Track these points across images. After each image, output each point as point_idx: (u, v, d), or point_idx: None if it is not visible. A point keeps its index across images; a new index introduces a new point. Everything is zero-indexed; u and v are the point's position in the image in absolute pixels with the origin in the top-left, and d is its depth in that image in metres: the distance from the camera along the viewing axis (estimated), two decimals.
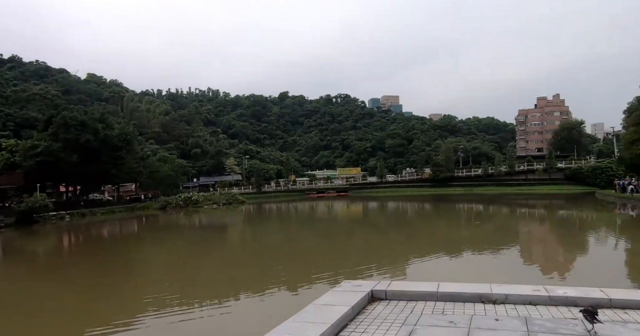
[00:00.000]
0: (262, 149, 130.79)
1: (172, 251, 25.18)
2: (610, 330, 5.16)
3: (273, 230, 35.42)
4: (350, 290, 6.94)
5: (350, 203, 69.60)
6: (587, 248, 21.15)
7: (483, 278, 13.49)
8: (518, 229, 30.86)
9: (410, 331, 5.32)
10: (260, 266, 18.36)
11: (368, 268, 16.38)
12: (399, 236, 28.24)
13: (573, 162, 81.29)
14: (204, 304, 12.47)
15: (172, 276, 17.23)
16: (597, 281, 12.56)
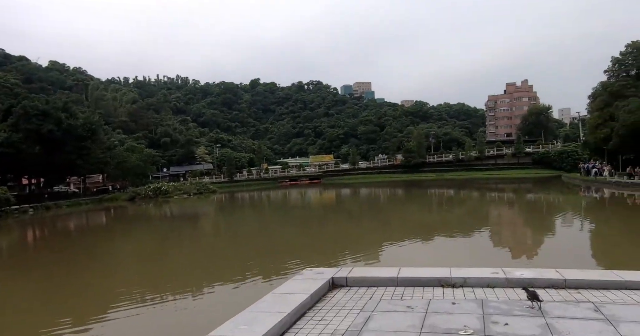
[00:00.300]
0: (234, 138, 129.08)
1: (142, 242, 24.64)
2: (563, 310, 5.24)
3: (245, 219, 35.13)
4: (311, 277, 6.86)
5: (323, 190, 69.73)
6: (553, 230, 21.78)
7: (452, 262, 13.69)
8: (488, 213, 31.53)
9: (368, 318, 5.27)
10: (231, 255, 18.15)
11: (342, 254, 16.40)
12: (372, 223, 28.45)
13: (540, 146, 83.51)
14: (174, 296, 12.20)
15: (143, 268, 16.83)
16: (560, 262, 12.97)
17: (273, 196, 64.27)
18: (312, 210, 41.02)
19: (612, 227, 21.93)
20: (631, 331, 4.53)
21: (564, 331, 4.58)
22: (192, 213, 43.28)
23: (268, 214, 38.53)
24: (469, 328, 4.75)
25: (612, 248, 16.35)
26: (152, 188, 60.97)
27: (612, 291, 6.04)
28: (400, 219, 29.36)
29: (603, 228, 21.76)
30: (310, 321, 5.37)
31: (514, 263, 13.61)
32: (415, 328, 4.85)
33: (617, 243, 17.28)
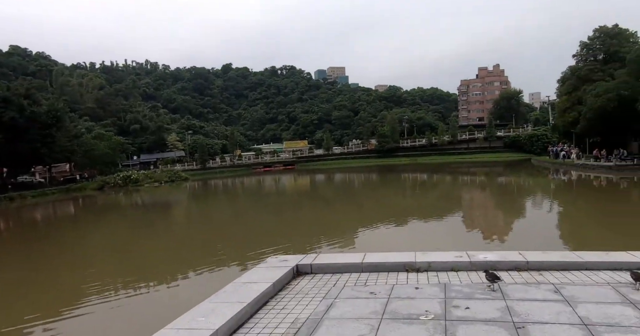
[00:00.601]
0: (206, 124, 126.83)
1: (112, 233, 23.97)
2: (524, 292, 5.26)
3: (218, 207, 34.71)
4: (275, 265, 6.73)
5: (297, 176, 69.53)
6: (522, 213, 22.13)
7: (423, 245, 13.78)
8: (460, 197, 31.92)
9: (330, 305, 5.19)
10: (202, 244, 17.79)
11: (317, 240, 16.33)
12: (347, 208, 28.49)
13: (511, 130, 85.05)
14: (139, 288, 11.89)
15: (112, 259, 16.35)
16: (528, 244, 13.16)
17: (247, 183, 63.71)
18: (287, 196, 40.86)
19: (578, 209, 22.53)
20: (588, 311, 4.57)
21: (523, 313, 4.59)
22: (164, 202, 42.52)
23: (242, 202, 38.15)
24: (430, 313, 4.71)
25: (578, 228, 16.78)
26: (121, 177, 59.52)
27: (573, 272, 6.12)
28: (374, 204, 29.50)
29: (570, 209, 22.30)
30: (272, 310, 5.26)
31: (482, 245, 13.79)
32: (377, 314, 4.78)
33: (583, 224, 17.76)
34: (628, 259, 6.29)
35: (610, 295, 5.07)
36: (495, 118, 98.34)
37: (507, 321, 4.39)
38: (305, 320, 4.80)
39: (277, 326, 4.76)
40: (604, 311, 4.54)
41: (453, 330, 4.24)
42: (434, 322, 4.46)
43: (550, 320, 4.39)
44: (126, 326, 8.94)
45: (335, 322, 4.65)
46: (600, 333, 4.06)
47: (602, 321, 4.32)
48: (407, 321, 4.53)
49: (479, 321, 4.42)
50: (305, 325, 4.66)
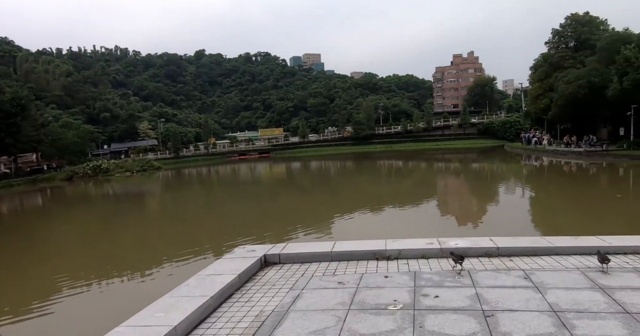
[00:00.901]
0: (179, 112, 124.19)
1: (80, 224, 23.18)
2: (494, 279, 5.18)
3: (192, 196, 34.06)
4: (242, 256, 6.49)
5: (273, 164, 69.00)
6: (494, 198, 22.29)
7: (396, 232, 13.81)
8: (435, 183, 32.13)
9: (297, 296, 5.00)
10: (175, 235, 17.19)
11: (293, 228, 16.11)
12: (323, 196, 28.35)
13: (485, 117, 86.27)
14: (110, 280, 11.45)
15: (81, 252, 15.76)
16: (500, 229, 13.24)
17: (222, 172, 62.90)
18: (262, 185, 40.45)
19: (549, 194, 22.89)
20: (557, 297, 4.50)
21: (492, 301, 4.49)
22: (135, 192, 41.55)
23: (216, 191, 37.59)
24: (399, 302, 4.57)
25: (549, 213, 16.99)
26: (91, 166, 57.79)
27: (543, 257, 6.09)
28: (350, 192, 29.45)
29: (541, 194, 22.64)
30: (237, 303, 5.04)
31: (456, 231, 13.85)
32: (344, 305, 4.62)
33: (554, 209, 18.03)
34: (597, 243, 6.29)
35: (580, 280, 5.04)
36: (469, 105, 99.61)
37: (477, 310, 4.29)
38: (270, 313, 4.61)
39: (240, 319, 4.55)
40: (573, 297, 4.49)
41: (421, 320, 4.11)
42: (402, 312, 4.32)
43: (519, 307, 4.31)
44: (83, 323, 8.55)
45: (301, 314, 4.47)
46: (569, 319, 3.99)
47: (571, 307, 4.26)
48: (374, 312, 4.38)
49: (448, 310, 4.30)
50: (270, 318, 4.46)
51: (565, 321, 3.96)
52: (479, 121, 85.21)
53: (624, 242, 6.31)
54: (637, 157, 32.04)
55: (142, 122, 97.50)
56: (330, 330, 4.05)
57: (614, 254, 6.08)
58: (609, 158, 35.01)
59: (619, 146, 37.36)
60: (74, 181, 54.76)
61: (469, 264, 5.86)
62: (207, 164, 75.23)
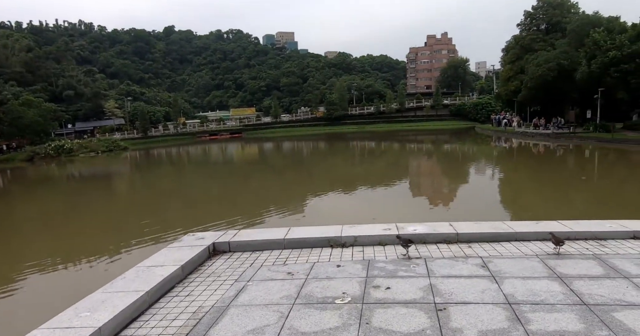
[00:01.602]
0: (148, 90, 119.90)
1: (46, 207, 22.03)
2: (450, 268, 4.93)
3: (158, 178, 33.05)
4: (189, 244, 6.07)
5: (244, 145, 67.97)
6: (463, 181, 22.26)
7: (363, 213, 13.60)
8: (405, 165, 32.05)
9: (241, 289, 4.64)
10: (132, 221, 16.20)
11: (267, 211, 15.69)
12: (294, 177, 27.93)
13: (457, 99, 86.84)
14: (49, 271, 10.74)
15: (29, 238, 14.96)
16: (465, 212, 13.19)
17: (192, 152, 61.56)
18: (233, 166, 39.68)
19: (516, 177, 22.88)
20: (514, 288, 4.28)
21: (446, 292, 4.23)
22: (97, 174, 40.08)
23: (184, 172, 36.59)
24: (347, 295, 4.27)
25: (514, 196, 16.92)
26: (53, 147, 55.45)
27: (503, 243, 5.89)
28: (321, 173, 29.11)
29: (508, 177, 22.62)
30: (176, 297, 4.64)
31: (420, 214, 13.67)
32: (289, 298, 4.29)
33: (519, 192, 18.07)
34: (558, 228, 6.13)
35: (538, 268, 4.84)
36: (442, 86, 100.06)
37: (429, 302, 4.02)
38: (209, 309, 4.24)
39: (176, 317, 4.16)
40: (530, 288, 4.27)
41: (368, 315, 3.81)
42: (350, 306, 4.01)
43: (474, 299, 4.06)
44: (6, 320, 7.96)
45: (242, 310, 4.12)
46: (524, 312, 3.76)
47: (527, 298, 4.04)
48: (320, 306, 4.06)
49: (399, 304, 4.02)
50: (208, 315, 4.09)
51: (520, 314, 3.73)
52: (451, 103, 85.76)
53: (585, 227, 6.17)
54: (603, 139, 32.74)
55: (108, 100, 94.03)
56: (270, 328, 3.72)
57: (574, 240, 5.95)
58: (575, 140, 35.69)
59: (585, 128, 38.08)
60: (35, 161, 52.58)
61: (426, 251, 5.61)
62: (176, 144, 73.48)
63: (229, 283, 4.90)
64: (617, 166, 24.60)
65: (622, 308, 3.78)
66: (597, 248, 5.55)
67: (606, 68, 33.86)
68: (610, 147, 30.40)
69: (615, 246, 5.62)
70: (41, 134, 66.76)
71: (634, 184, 18.38)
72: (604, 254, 5.24)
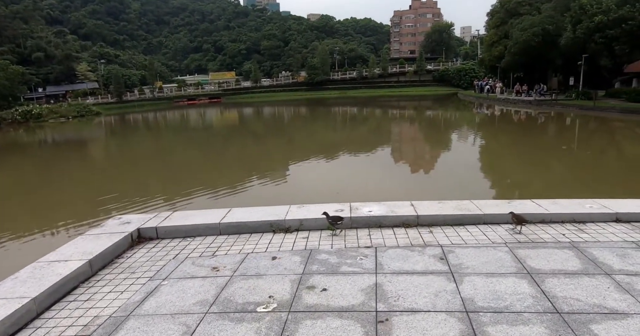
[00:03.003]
0: (122, 53, 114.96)
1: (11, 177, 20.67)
2: (403, 261, 4.20)
3: (126, 145, 31.61)
4: (110, 231, 5.21)
5: (223, 110, 66.16)
6: (440, 151, 21.55)
7: (335, 187, 12.87)
8: (385, 132, 31.20)
9: (152, 291, 3.85)
10: (78, 196, 14.90)
11: (248, 178, 14.92)
12: (274, 143, 27.05)
13: (441, 64, 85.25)
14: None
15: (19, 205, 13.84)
16: (436, 186, 12.51)
17: (169, 117, 59.69)
18: (210, 132, 38.37)
19: (494, 146, 22.32)
20: (474, 289, 3.57)
21: (393, 295, 3.50)
22: (65, 140, 38.41)
23: (159, 139, 35.13)
24: (274, 300, 3.51)
25: (491, 168, 16.25)
26: (20, 112, 53.02)
27: (468, 227, 5.19)
28: (302, 139, 28.24)
29: (486, 146, 21.91)
30: (73, 303, 3.82)
31: (389, 186, 12.96)
32: (203, 305, 3.51)
33: (496, 162, 17.54)
34: (533, 209, 5.44)
35: (506, 260, 4.14)
36: (426, 51, 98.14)
37: (369, 310, 3.28)
38: (105, 320, 3.44)
39: (61, 333, 3.35)
40: (494, 288, 3.57)
41: (292, 330, 3.06)
42: (273, 317, 3.26)
43: (424, 305, 3.34)
44: None
45: (143, 322, 3.33)
46: (483, 325, 3.05)
47: (489, 304, 3.33)
48: (237, 317, 3.29)
49: (332, 313, 3.27)
50: (100, 330, 3.30)
51: (478, 327, 3.03)
52: (434, 68, 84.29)
53: (562, 208, 5.48)
54: (584, 107, 32.25)
55: (80, 63, 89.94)
56: None
57: (550, 222, 5.28)
58: (557, 108, 35.16)
59: (567, 95, 37.54)
60: (2, 127, 50.30)
61: (379, 238, 4.87)
62: (153, 109, 71.12)
63: (141, 281, 4.10)
64: (598, 135, 24.17)
65: (601, 319, 3.10)
66: (574, 233, 4.88)
67: (591, 34, 32.97)
68: (592, 115, 29.94)
69: (596, 231, 4.96)
70: (9, 99, 63.75)
71: (615, 154, 17.96)
72: (583, 242, 4.57)
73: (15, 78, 67.52)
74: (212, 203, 11.36)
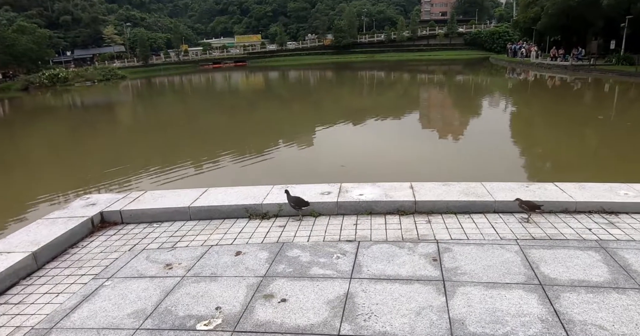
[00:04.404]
0: (148, 16, 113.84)
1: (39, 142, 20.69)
2: (387, 262, 3.51)
3: (150, 110, 31.41)
4: (70, 214, 4.69)
5: (249, 74, 65.24)
6: (464, 120, 20.06)
7: (358, 153, 12.23)
8: (411, 99, 29.68)
9: (90, 294, 3.30)
10: (106, 159, 14.89)
11: (273, 141, 14.76)
12: (302, 107, 26.53)
13: (473, 27, 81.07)
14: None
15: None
16: (454, 161, 11.49)
17: (195, 81, 59.31)
18: (235, 97, 37.79)
19: (524, 115, 20.50)
20: (468, 306, 2.86)
21: (364, 312, 2.84)
22: (90, 104, 38.52)
23: (182, 103, 34.75)
24: (221, 312, 2.90)
25: (516, 141, 14.67)
26: (47, 75, 53.46)
27: (475, 216, 4.43)
28: (332, 103, 27.51)
29: (515, 116, 19.92)
30: (2, 306, 3.31)
31: (404, 158, 12.05)
32: (138, 317, 2.94)
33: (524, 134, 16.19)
34: (554, 196, 4.61)
35: (514, 264, 3.39)
36: (458, 13, 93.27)
37: (329, 334, 2.64)
38: (25, 334, 2.92)
39: None
40: (493, 306, 2.85)
41: None
42: None
43: (400, 329, 2.66)
44: None
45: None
46: None
47: (483, 330, 2.62)
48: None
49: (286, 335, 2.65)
50: None
51: None
52: (466, 31, 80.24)
53: (591, 195, 4.62)
54: (625, 73, 29.82)
55: (107, 26, 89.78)
56: None
57: (574, 212, 4.46)
58: (595, 73, 32.66)
59: (607, 60, 34.85)
60: (30, 91, 50.99)
61: (367, 228, 4.17)
62: (178, 73, 70.77)
63: (85, 280, 3.56)
64: (639, 104, 22.27)
65: None
66: (603, 229, 4.06)
67: None
68: (633, 82, 27.60)
69: (631, 226, 4.12)
70: (38, 62, 64.43)
71: None
72: (613, 241, 3.76)
73: (43, 42, 67.90)
74: (223, 172, 10.86)
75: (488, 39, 73.86)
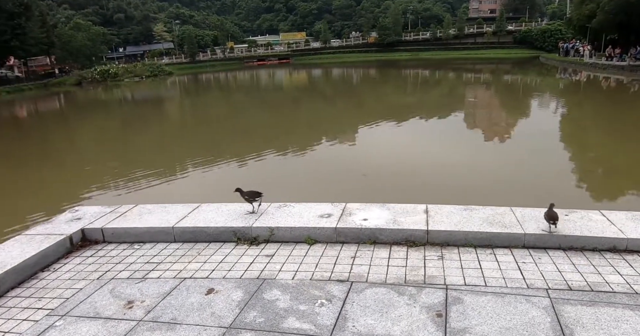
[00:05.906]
0: (196, 13, 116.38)
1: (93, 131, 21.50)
2: (381, 314, 2.90)
3: (195, 106, 31.85)
4: (49, 232, 4.35)
5: (292, 71, 65.33)
6: (512, 122, 18.74)
7: (404, 151, 11.67)
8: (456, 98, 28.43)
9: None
10: (142, 156, 15.06)
11: (318, 138, 14.83)
12: (346, 104, 26.33)
13: (523, 24, 77.45)
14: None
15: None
16: (490, 174, 10.37)
17: (240, 78, 60.01)
18: (282, 92, 37.90)
19: (573, 122, 18.44)
20: None
21: None
22: (142, 98, 39.55)
23: (230, 99, 35.00)
24: None
25: (566, 149, 13.32)
26: (98, 71, 55.62)
27: (498, 252, 3.71)
28: (375, 101, 27.04)
29: (563, 123, 18.17)
30: None
31: (437, 165, 11.15)
32: None
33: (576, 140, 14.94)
34: (598, 229, 3.82)
35: (541, 328, 2.69)
36: (508, 11, 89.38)
37: None
38: None
39: None
40: None
41: None
42: None
43: None
44: None
45: None
46: None
47: None
48: None
49: None
50: None
51: None
52: (515, 29, 76.67)
53: None
54: None
55: (157, 24, 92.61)
56: None
57: (625, 252, 3.67)
58: None
59: None
60: (83, 86, 53.15)
61: (366, 263, 3.56)
62: (224, 69, 71.86)
63: (38, 316, 3.14)
64: None
65: None
66: None
67: None
68: None
69: None
70: (92, 58, 67.14)
71: None
72: None
73: (97, 38, 70.82)
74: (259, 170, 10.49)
75: (539, 37, 70.27)
